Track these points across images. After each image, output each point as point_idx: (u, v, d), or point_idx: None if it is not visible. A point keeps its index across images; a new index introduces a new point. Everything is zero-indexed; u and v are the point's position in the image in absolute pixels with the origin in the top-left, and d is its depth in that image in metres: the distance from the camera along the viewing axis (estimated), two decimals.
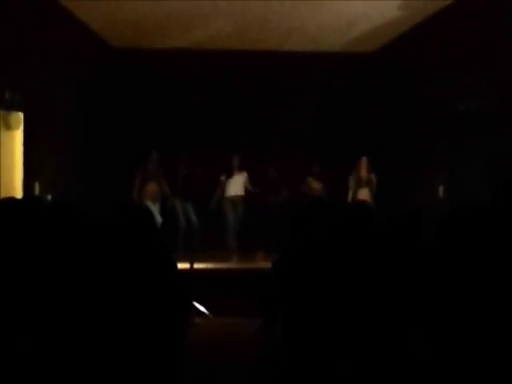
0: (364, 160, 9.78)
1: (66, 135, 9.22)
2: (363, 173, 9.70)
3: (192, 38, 10.30)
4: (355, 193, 9.66)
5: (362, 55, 11.08)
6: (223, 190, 9.87)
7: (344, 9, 9.01)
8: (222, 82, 10.94)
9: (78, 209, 3.12)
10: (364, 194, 9.55)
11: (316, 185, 10.35)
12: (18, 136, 8.16)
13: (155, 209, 9.28)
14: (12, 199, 3.30)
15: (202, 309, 6.98)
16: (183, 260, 8.18)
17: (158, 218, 9.13)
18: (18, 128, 8.12)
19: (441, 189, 9.20)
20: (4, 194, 7.37)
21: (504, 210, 2.29)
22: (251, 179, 10.06)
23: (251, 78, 10.90)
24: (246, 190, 9.98)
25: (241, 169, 9.95)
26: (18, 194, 8.01)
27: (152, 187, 9.42)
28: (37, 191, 8.34)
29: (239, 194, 9.89)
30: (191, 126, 10.88)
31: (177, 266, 3.05)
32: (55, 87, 8.81)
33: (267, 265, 6.69)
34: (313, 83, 11.06)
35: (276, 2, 8.79)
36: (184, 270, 7.39)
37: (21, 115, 8.10)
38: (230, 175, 9.89)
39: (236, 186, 9.86)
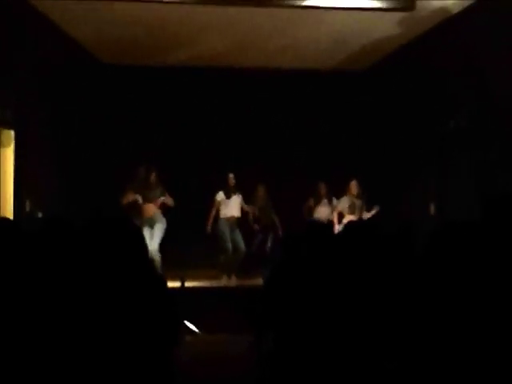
0: (354, 184, 9.54)
1: (57, 152, 9.22)
2: (352, 197, 9.50)
3: (182, 55, 10.32)
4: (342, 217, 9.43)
5: (352, 73, 11.14)
6: (218, 210, 9.47)
7: (334, 27, 9.06)
8: (212, 100, 10.97)
9: (69, 226, 3.11)
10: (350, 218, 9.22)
11: (322, 211, 9.84)
12: (8, 154, 8.15)
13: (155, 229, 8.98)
14: (3, 220, 3.28)
15: (192, 327, 6.95)
16: (174, 278, 8.18)
17: (156, 241, 8.89)
18: (9, 146, 8.11)
19: (432, 206, 9.23)
20: None
21: (492, 226, 2.30)
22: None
23: (241, 95, 10.94)
24: (242, 210, 9.66)
25: (235, 189, 9.59)
26: (9, 211, 7.99)
27: (150, 208, 9.13)
28: (28, 209, 8.32)
29: (236, 215, 9.53)
30: (181, 144, 10.91)
31: (166, 285, 3.04)
32: (46, 104, 8.82)
33: (258, 282, 6.71)
34: (303, 101, 11.11)
35: (267, 20, 8.84)
36: (175, 289, 7.39)
37: (12, 133, 8.09)
38: (227, 195, 9.47)
39: (234, 206, 9.49)
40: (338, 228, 9.05)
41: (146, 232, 8.65)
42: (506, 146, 7.60)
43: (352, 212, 9.41)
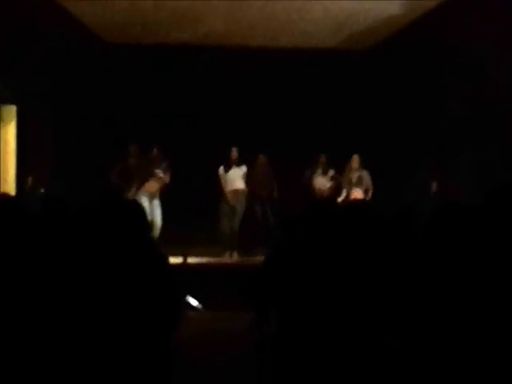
0: (356, 158, 9.53)
1: (59, 129, 9.20)
2: (355, 171, 9.48)
3: (185, 34, 10.26)
4: (348, 192, 9.43)
5: (355, 52, 11.06)
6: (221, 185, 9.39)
7: (337, 6, 9.00)
8: (215, 79, 10.91)
9: (68, 206, 3.11)
10: (357, 193, 9.33)
11: (321, 183, 9.80)
12: (10, 130, 8.13)
13: (155, 206, 9.02)
14: (3, 196, 3.28)
15: (195, 303, 6.98)
16: (177, 255, 8.21)
17: (158, 215, 8.95)
18: (10, 122, 8.09)
19: (434, 185, 9.22)
20: None
21: (493, 211, 2.30)
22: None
23: (244, 74, 10.87)
24: (247, 184, 9.46)
25: (239, 162, 9.43)
26: (11, 187, 8.01)
27: (152, 184, 9.12)
28: (29, 184, 8.33)
29: (237, 188, 9.36)
30: (184, 121, 10.89)
31: (167, 261, 3.05)
32: (48, 82, 8.78)
33: (260, 259, 6.72)
34: (305, 80, 11.04)
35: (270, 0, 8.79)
36: (177, 265, 7.42)
37: (14, 109, 8.07)
38: (226, 169, 9.39)
39: (235, 180, 9.34)
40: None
41: (146, 205, 8.65)
42: (505, 134, 7.59)
43: (356, 185, 9.42)
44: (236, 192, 9.34)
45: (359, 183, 9.42)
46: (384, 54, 10.59)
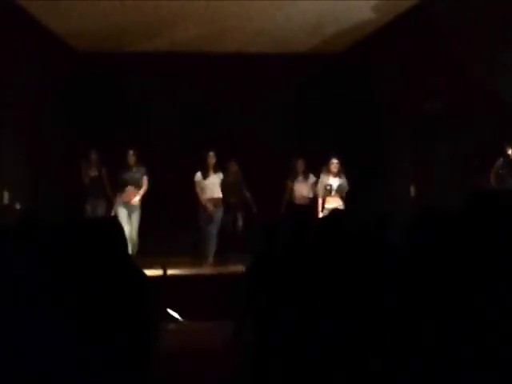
0: (335, 163, 9.12)
1: (35, 142, 9.12)
2: (334, 176, 9.10)
3: (159, 41, 10.28)
4: (324, 199, 9.08)
5: (329, 56, 11.13)
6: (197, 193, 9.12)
7: (311, 10, 9.05)
8: (190, 85, 10.91)
9: (44, 222, 3.10)
10: (334, 201, 9.04)
11: (302, 190, 9.48)
12: None
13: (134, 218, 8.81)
14: None
15: (175, 315, 6.96)
16: (156, 266, 8.16)
17: (134, 229, 8.76)
18: None
19: (412, 189, 9.27)
20: None
21: (473, 219, 2.31)
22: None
23: (219, 80, 10.89)
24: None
25: (216, 168, 9.15)
26: None
27: (130, 192, 8.79)
28: (6, 200, 8.26)
29: (215, 196, 9.10)
30: (160, 128, 10.86)
31: (145, 276, 3.04)
32: (22, 95, 8.71)
33: (240, 269, 6.72)
34: (280, 85, 11.07)
35: (243, 5, 8.82)
36: (157, 277, 7.38)
37: None
38: (204, 175, 9.10)
39: (213, 187, 9.07)
40: (322, 211, 8.95)
41: (123, 216, 8.54)
42: (481, 132, 7.68)
43: (333, 193, 9.05)
44: (215, 200, 9.11)
45: (338, 190, 9.10)
46: (358, 56, 10.67)
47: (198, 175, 9.14)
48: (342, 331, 2.77)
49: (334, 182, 9.12)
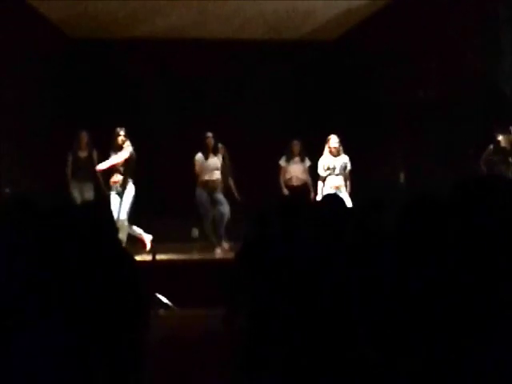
0: (332, 139, 8.79)
1: (24, 128, 9.04)
2: (333, 156, 8.78)
3: (151, 28, 10.20)
4: (324, 182, 8.80)
5: (321, 43, 11.11)
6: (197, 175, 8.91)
7: None
8: (182, 72, 10.87)
9: (34, 206, 3.06)
10: (337, 180, 8.77)
11: (297, 171, 9.26)
12: None
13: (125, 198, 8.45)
14: None
15: (166, 301, 6.94)
16: (145, 252, 8.14)
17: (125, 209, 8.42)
18: None
19: (402, 175, 9.28)
20: None
21: (461, 206, 2.31)
22: None
23: (211, 66, 10.85)
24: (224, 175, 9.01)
25: (215, 150, 8.94)
26: None
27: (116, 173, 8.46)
28: None
29: (214, 178, 8.89)
30: (152, 113, 10.80)
31: (134, 261, 3.02)
32: (12, 81, 8.64)
33: (230, 255, 6.71)
34: (273, 72, 11.04)
35: None
36: (146, 262, 7.36)
37: None
38: (206, 156, 8.85)
39: (212, 169, 8.87)
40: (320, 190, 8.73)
41: (115, 199, 8.40)
42: (474, 120, 7.68)
43: (336, 172, 8.77)
44: (211, 183, 8.89)
45: (341, 170, 8.79)
46: (349, 44, 10.64)
47: (199, 155, 8.96)
48: (337, 318, 2.76)
49: (336, 161, 8.82)
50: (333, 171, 8.78)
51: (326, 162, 8.84)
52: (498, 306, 2.09)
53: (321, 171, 8.86)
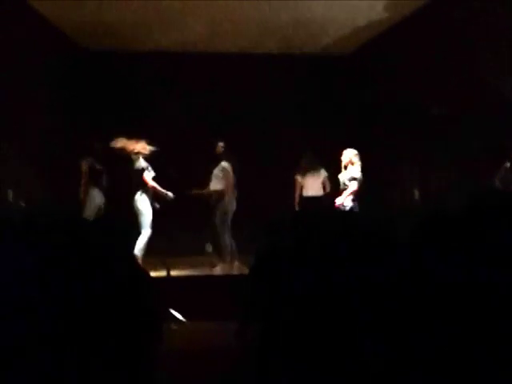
0: (349, 153, 8.39)
1: (39, 141, 9.11)
2: (345, 169, 8.41)
3: (165, 40, 10.28)
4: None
5: (336, 57, 11.13)
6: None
7: (319, 11, 9.03)
8: (196, 85, 10.90)
9: (49, 220, 3.08)
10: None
11: (311, 184, 9.17)
12: None
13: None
14: None
15: (178, 316, 6.93)
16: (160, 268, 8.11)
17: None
18: None
19: (416, 192, 9.24)
20: None
21: (476, 221, 2.30)
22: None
23: (226, 80, 10.88)
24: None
25: (227, 158, 8.88)
26: None
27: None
28: (10, 198, 8.25)
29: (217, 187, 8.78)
30: (164, 127, 10.82)
31: (149, 276, 3.02)
32: (26, 91, 8.71)
33: (244, 270, 6.70)
34: (288, 85, 11.05)
35: (251, 4, 8.81)
36: (161, 278, 7.37)
37: None
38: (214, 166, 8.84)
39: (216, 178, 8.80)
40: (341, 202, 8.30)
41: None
42: (488, 136, 7.65)
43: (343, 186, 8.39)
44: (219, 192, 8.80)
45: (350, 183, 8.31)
46: (365, 58, 10.65)
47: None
48: (351, 333, 2.75)
49: (346, 174, 8.48)
50: (343, 185, 8.50)
51: (340, 175, 8.63)
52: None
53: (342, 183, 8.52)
